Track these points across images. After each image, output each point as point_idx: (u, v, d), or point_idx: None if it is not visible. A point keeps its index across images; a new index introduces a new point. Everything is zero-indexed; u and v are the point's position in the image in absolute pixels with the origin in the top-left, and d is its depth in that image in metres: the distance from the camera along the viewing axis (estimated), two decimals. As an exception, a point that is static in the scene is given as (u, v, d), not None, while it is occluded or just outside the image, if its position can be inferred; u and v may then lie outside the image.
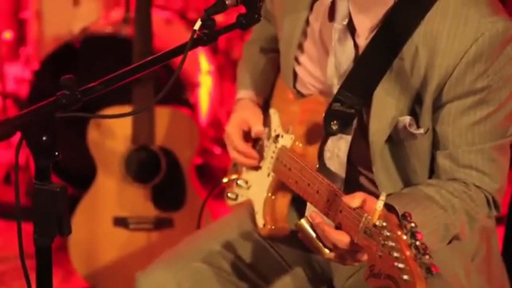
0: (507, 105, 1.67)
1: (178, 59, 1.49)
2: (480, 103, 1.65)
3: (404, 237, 1.34)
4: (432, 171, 1.76)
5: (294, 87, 1.91)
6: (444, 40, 1.62)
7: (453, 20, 1.62)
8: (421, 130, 1.69)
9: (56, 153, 1.34)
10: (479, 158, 1.69)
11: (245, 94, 2.08)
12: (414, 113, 1.69)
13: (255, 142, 2.02)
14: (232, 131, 1.99)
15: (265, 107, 2.07)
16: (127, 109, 2.95)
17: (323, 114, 1.73)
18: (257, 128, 1.99)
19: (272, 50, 2.10)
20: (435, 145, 1.72)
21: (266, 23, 2.10)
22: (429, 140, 1.72)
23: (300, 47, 1.87)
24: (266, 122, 2.02)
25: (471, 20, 1.61)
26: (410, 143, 1.72)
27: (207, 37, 1.50)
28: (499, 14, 1.62)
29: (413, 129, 1.68)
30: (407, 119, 1.68)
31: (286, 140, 1.90)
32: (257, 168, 2.00)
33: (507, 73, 1.63)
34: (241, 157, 1.99)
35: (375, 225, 1.38)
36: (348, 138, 1.78)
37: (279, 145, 1.91)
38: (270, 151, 1.95)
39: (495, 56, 1.61)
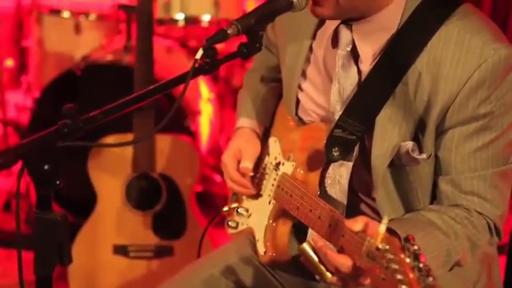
0: (509, 132, 1.68)
1: (180, 87, 1.50)
2: (482, 129, 1.66)
3: (407, 259, 1.33)
4: (434, 197, 1.77)
5: (296, 114, 1.92)
6: (448, 66, 1.63)
7: (456, 47, 1.63)
8: (424, 155, 1.69)
9: (57, 182, 1.34)
10: (481, 184, 1.69)
11: (244, 122, 2.08)
12: (417, 139, 1.70)
13: (255, 171, 2.02)
14: (227, 161, 2.00)
15: (265, 136, 2.07)
16: (128, 137, 2.96)
17: (325, 141, 1.74)
18: (245, 164, 1.99)
19: (273, 79, 2.12)
20: (437, 170, 1.73)
21: (267, 52, 2.11)
22: (431, 165, 1.73)
23: (303, 74, 1.88)
24: (266, 150, 2.03)
25: (474, 47, 1.62)
26: (412, 169, 1.72)
27: (209, 66, 1.51)
28: (501, 41, 1.64)
29: (416, 154, 1.69)
30: (409, 144, 1.68)
31: (287, 167, 1.90)
32: (257, 196, 2.00)
33: (510, 99, 1.65)
34: (236, 186, 1.99)
35: (378, 248, 1.38)
36: (349, 164, 1.78)
37: (280, 173, 1.92)
38: (271, 179, 1.96)
39: (498, 82, 1.62)
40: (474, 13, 1.70)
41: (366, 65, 1.73)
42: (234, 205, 2.06)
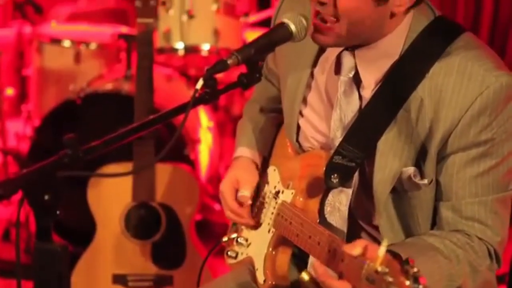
0: (510, 159, 1.70)
1: (180, 116, 1.50)
2: (483, 155, 1.67)
3: (407, 282, 1.33)
4: (434, 223, 1.77)
5: (297, 140, 1.93)
6: (450, 93, 1.65)
7: (457, 75, 1.65)
8: (425, 181, 1.70)
9: (57, 212, 1.34)
10: (481, 210, 1.70)
11: (242, 152, 2.08)
12: (418, 164, 1.71)
13: (254, 199, 2.02)
14: (225, 190, 2.00)
15: (263, 165, 2.07)
16: (128, 165, 2.96)
17: (324, 168, 1.74)
18: (243, 193, 1.99)
19: (272, 110, 2.12)
20: (438, 196, 1.74)
21: (267, 83, 2.13)
22: (432, 191, 1.73)
23: (304, 100, 1.89)
24: (265, 179, 2.03)
25: (475, 74, 1.64)
26: (413, 194, 1.73)
27: (209, 96, 1.52)
28: (502, 69, 1.67)
29: (418, 180, 1.70)
30: (411, 169, 1.69)
31: (286, 195, 1.90)
32: (256, 225, 1.99)
33: (511, 126, 1.67)
34: (234, 216, 1.99)
35: (377, 271, 1.38)
36: (349, 191, 1.78)
37: (279, 201, 1.92)
38: (271, 207, 1.96)
39: (499, 109, 1.64)
40: (475, 41, 1.72)
41: (368, 91, 1.74)
42: (234, 235, 2.05)
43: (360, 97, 1.76)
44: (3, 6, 4.40)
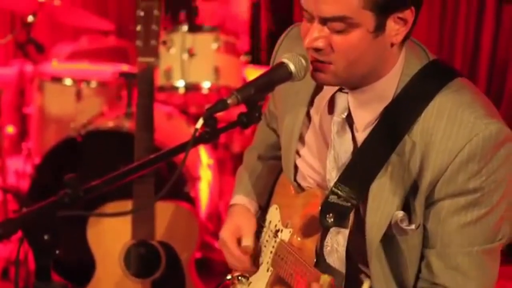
0: (498, 209, 1.67)
1: (180, 154, 1.51)
2: (472, 204, 1.65)
3: None
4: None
5: (295, 180, 1.93)
6: (439, 138, 1.64)
7: (448, 120, 1.65)
8: (412, 226, 1.69)
9: (57, 251, 1.34)
10: (466, 261, 1.68)
11: (239, 200, 2.09)
12: (407, 208, 1.70)
13: (255, 239, 2.02)
14: (227, 238, 2.00)
15: (262, 210, 2.08)
16: (127, 204, 2.95)
17: (319, 207, 1.73)
18: (246, 243, 2.00)
19: (271, 157, 2.13)
20: (425, 242, 1.72)
21: (267, 129, 2.14)
22: (420, 236, 1.72)
23: (301, 140, 1.89)
24: (265, 221, 2.03)
25: (465, 121, 1.64)
26: (402, 238, 1.72)
27: (209, 135, 1.52)
28: (493, 117, 1.65)
29: (404, 225, 1.69)
30: (399, 214, 1.68)
31: (285, 234, 1.90)
32: (257, 265, 1.99)
33: (500, 176, 1.64)
34: (237, 263, 1.99)
35: None
36: (346, 232, 1.78)
37: (278, 240, 1.92)
38: (270, 246, 1.96)
39: (488, 157, 1.62)
40: (468, 86, 1.71)
41: (361, 133, 1.74)
42: (236, 273, 2.06)
43: (354, 137, 1.76)
44: (5, 45, 4.43)
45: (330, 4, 1.57)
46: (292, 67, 1.64)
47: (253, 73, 4.20)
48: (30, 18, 3.87)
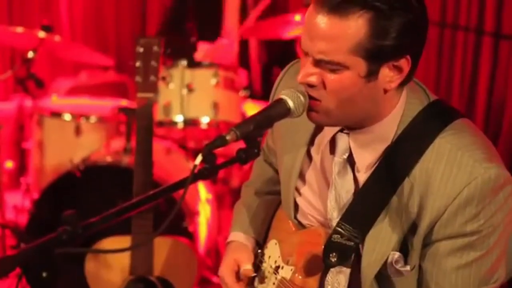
0: (494, 252, 1.67)
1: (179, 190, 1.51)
2: (468, 247, 1.65)
3: None
4: None
5: (295, 217, 1.93)
6: (438, 181, 1.65)
7: (447, 163, 1.65)
8: (408, 267, 1.69)
9: (55, 288, 1.34)
10: None
11: (236, 236, 2.09)
12: (404, 249, 1.70)
13: (255, 275, 2.01)
14: (226, 275, 1.99)
15: (259, 246, 2.07)
16: (126, 239, 2.94)
17: (323, 246, 1.74)
18: (245, 268, 1.99)
19: (268, 192, 2.13)
20: (420, 281, 1.73)
21: (264, 165, 2.14)
22: (415, 276, 1.72)
23: (302, 178, 1.89)
24: (265, 255, 2.02)
25: (464, 164, 1.64)
26: (397, 279, 1.72)
27: (208, 171, 1.53)
28: (492, 160, 1.66)
29: (399, 266, 1.69)
30: (395, 255, 1.69)
31: (286, 272, 1.89)
32: (257, 300, 1.98)
33: (498, 219, 1.65)
34: None
35: None
36: (347, 271, 1.77)
37: (279, 277, 1.91)
38: (270, 282, 1.95)
39: (486, 201, 1.63)
40: (468, 128, 1.72)
41: (362, 174, 1.75)
42: None
43: (355, 178, 1.76)
44: (4, 80, 4.45)
45: (323, 45, 1.59)
46: (290, 103, 1.65)
47: (252, 108, 4.22)
48: (30, 54, 3.89)
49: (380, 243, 1.69)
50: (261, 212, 2.11)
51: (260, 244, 2.07)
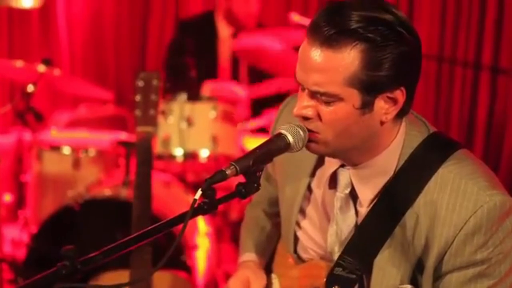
0: (507, 280, 1.66)
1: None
2: (480, 276, 1.65)
3: None
4: None
5: (295, 251, 1.92)
6: (444, 211, 1.65)
7: (451, 193, 1.65)
8: None
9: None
10: None
11: (249, 257, 2.08)
12: (415, 281, 1.69)
13: None
14: (235, 285, 1.97)
15: (267, 270, 2.07)
16: (124, 274, 2.92)
17: (324, 279, 1.73)
18: None
19: (275, 214, 2.12)
20: None
21: (268, 185, 2.13)
22: None
23: (302, 212, 1.89)
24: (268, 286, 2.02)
25: (469, 193, 1.64)
26: None
27: (207, 206, 1.52)
28: (496, 188, 1.66)
29: None
30: (407, 287, 1.67)
31: (287, 305, 1.89)
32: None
33: (507, 246, 1.65)
34: None
35: None
36: None
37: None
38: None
39: (494, 229, 1.63)
40: (469, 158, 1.73)
41: (364, 207, 1.75)
42: None
43: (356, 212, 1.76)
44: (4, 113, 4.46)
45: (318, 77, 1.60)
46: (290, 138, 1.65)
47: (250, 141, 4.23)
48: (30, 88, 3.90)
49: (388, 276, 1.69)
50: (273, 234, 2.12)
51: (266, 268, 2.07)
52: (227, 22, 4.58)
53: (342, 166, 1.76)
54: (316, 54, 1.60)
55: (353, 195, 1.76)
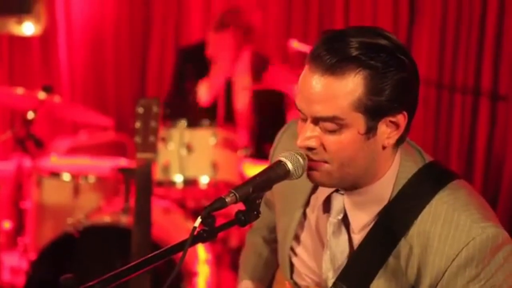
0: None
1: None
2: None
3: None
4: None
5: (291, 278, 1.91)
6: (436, 242, 1.65)
7: (444, 224, 1.65)
8: None
9: None
10: None
11: (246, 284, 2.07)
12: None
13: None
14: None
15: None
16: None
17: None
18: None
19: (274, 240, 2.11)
20: None
21: (267, 210, 2.13)
22: None
23: (297, 238, 1.88)
24: None
25: (462, 224, 1.64)
26: None
27: (207, 233, 1.52)
28: (489, 220, 1.65)
29: None
30: None
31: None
32: None
33: (499, 279, 1.63)
34: None
35: None
36: None
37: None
38: None
39: (486, 261, 1.62)
40: (463, 188, 1.72)
41: (357, 234, 1.75)
42: None
43: (350, 239, 1.76)
44: (4, 140, 4.47)
45: (322, 104, 1.61)
46: (290, 165, 1.65)
47: (250, 167, 4.23)
48: (30, 115, 3.91)
49: None
50: (271, 261, 2.12)
51: None
52: None
53: (336, 190, 1.75)
54: (320, 83, 1.60)
55: (345, 222, 1.76)
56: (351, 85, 1.59)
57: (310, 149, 1.66)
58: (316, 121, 1.64)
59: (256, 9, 4.66)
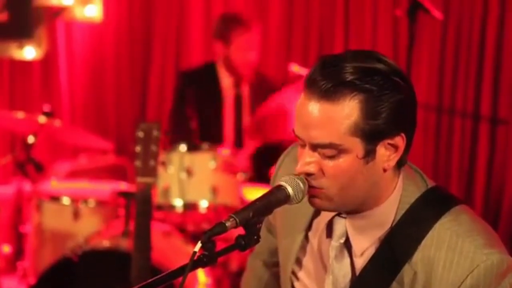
0: None
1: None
2: None
3: None
4: None
5: (295, 302, 1.91)
6: (440, 268, 1.64)
7: (448, 250, 1.64)
8: None
9: None
10: None
11: None
12: None
13: None
14: None
15: None
16: (123, 326, 2.89)
17: None
18: None
19: (276, 264, 2.10)
20: None
21: (268, 234, 2.12)
22: None
23: (299, 262, 1.88)
24: None
25: (466, 251, 1.63)
26: None
27: (207, 258, 1.52)
28: (493, 246, 1.65)
29: None
30: None
31: None
32: None
33: None
34: None
35: None
36: None
37: None
38: None
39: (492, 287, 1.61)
40: (467, 214, 1.71)
41: (359, 258, 1.74)
42: None
43: (352, 263, 1.75)
44: (4, 165, 4.47)
45: (318, 130, 1.61)
46: (290, 190, 1.65)
47: (250, 191, 4.23)
48: (30, 139, 3.92)
49: None
50: (271, 285, 2.10)
51: None
52: (226, 70, 4.62)
53: (338, 214, 1.75)
54: (315, 108, 1.61)
55: (347, 245, 1.76)
56: (347, 110, 1.60)
57: (309, 174, 1.66)
58: (314, 147, 1.64)
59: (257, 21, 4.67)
